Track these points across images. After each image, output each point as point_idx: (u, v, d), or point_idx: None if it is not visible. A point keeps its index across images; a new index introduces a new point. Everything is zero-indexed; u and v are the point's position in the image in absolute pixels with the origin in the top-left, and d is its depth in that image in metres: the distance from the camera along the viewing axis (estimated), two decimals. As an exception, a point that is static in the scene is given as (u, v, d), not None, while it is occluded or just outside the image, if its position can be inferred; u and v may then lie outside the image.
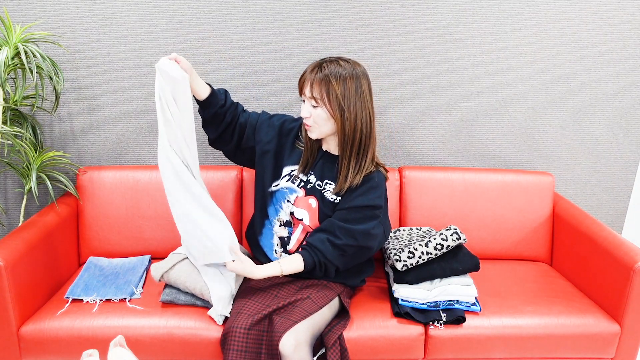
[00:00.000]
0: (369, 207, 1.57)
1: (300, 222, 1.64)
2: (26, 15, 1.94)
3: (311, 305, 1.52)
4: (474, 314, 1.69)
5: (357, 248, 1.57)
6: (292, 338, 1.40)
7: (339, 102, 1.49)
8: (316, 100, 1.51)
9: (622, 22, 2.10)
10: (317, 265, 1.56)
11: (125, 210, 1.97)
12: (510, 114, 2.19)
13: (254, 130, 1.69)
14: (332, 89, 1.49)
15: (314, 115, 1.53)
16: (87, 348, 1.49)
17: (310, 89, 1.51)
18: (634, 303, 1.66)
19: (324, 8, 2.01)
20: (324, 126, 1.54)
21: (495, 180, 2.08)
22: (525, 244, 2.09)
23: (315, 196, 1.63)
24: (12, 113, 1.88)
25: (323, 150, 1.67)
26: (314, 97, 1.50)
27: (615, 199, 2.33)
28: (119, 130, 2.09)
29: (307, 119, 1.55)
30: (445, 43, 2.08)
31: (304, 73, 1.55)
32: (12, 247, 1.59)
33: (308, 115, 1.53)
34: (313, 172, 1.66)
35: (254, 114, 1.72)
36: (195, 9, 1.98)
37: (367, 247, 1.59)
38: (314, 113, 1.53)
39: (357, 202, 1.57)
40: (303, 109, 1.55)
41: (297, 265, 1.56)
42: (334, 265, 1.58)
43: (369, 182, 1.58)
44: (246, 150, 1.72)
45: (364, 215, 1.56)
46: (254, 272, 1.53)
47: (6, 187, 2.13)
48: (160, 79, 1.47)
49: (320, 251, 1.55)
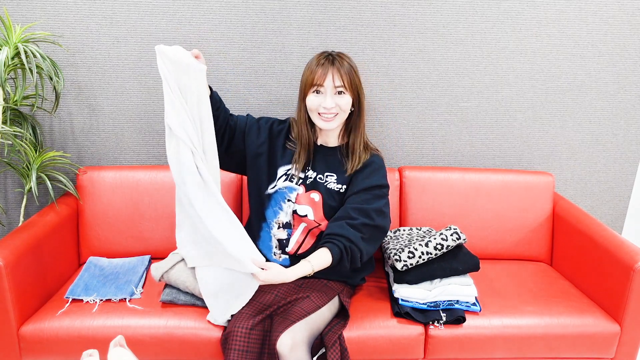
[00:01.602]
0: (377, 186, 1.63)
1: (303, 218, 1.65)
2: (26, 15, 1.94)
3: (310, 304, 1.52)
4: (474, 314, 1.69)
5: (373, 228, 1.59)
6: (289, 338, 1.40)
7: (358, 85, 1.64)
8: (345, 88, 1.59)
9: (622, 22, 2.10)
10: (344, 252, 1.53)
11: (125, 210, 1.97)
12: (510, 114, 2.19)
13: (243, 133, 1.70)
14: (353, 77, 1.62)
15: (340, 104, 1.60)
16: (87, 348, 1.48)
17: (340, 79, 1.59)
18: (634, 303, 1.66)
19: (324, 8, 2.01)
20: (347, 112, 1.64)
21: (495, 180, 2.08)
22: (525, 244, 2.09)
23: (317, 190, 1.65)
24: (12, 113, 1.88)
25: (318, 145, 1.71)
26: (344, 84, 1.59)
27: (615, 199, 2.33)
28: (119, 130, 2.09)
29: (331, 109, 1.59)
30: (445, 43, 2.08)
31: (318, 67, 1.59)
32: (12, 247, 1.59)
33: (333, 105, 1.59)
34: (311, 168, 1.67)
35: (242, 117, 1.73)
36: (195, 9, 1.98)
37: (382, 226, 1.61)
38: (340, 102, 1.60)
39: (364, 184, 1.63)
40: (327, 101, 1.59)
41: (326, 259, 1.52)
42: (358, 248, 1.55)
43: (371, 166, 1.67)
44: (235, 154, 1.72)
45: (373, 195, 1.62)
46: (287, 275, 1.49)
47: (6, 187, 2.13)
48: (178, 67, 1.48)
49: (342, 236, 1.54)
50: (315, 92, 1.60)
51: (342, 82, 1.59)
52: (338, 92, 1.59)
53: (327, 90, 1.58)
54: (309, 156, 1.68)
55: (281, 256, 1.68)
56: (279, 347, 1.39)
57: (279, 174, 1.69)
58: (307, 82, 1.61)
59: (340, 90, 1.59)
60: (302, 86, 1.63)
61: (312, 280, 1.64)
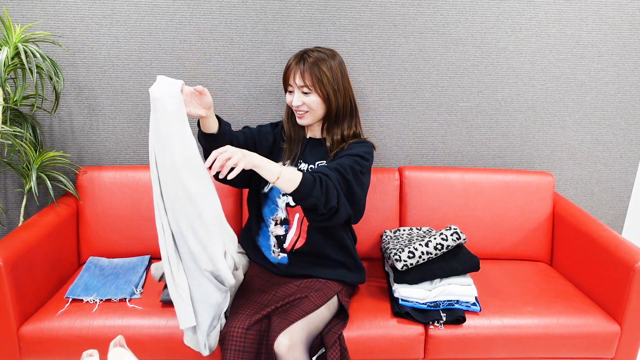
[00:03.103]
0: (357, 155, 1.60)
1: (296, 209, 1.64)
2: (26, 15, 1.94)
3: (308, 304, 1.52)
4: (474, 314, 1.69)
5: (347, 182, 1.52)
6: (287, 338, 1.40)
7: (330, 84, 1.61)
8: (308, 87, 1.60)
9: (622, 22, 2.10)
10: (318, 181, 1.45)
11: (125, 210, 1.97)
12: (510, 114, 2.19)
13: (256, 144, 1.71)
14: (322, 74, 1.60)
15: (308, 102, 1.62)
16: (87, 348, 1.49)
17: (301, 78, 1.60)
18: (634, 303, 1.66)
19: (324, 8, 2.01)
20: (318, 110, 1.64)
21: (495, 180, 2.08)
22: (525, 244, 2.09)
23: None
24: (12, 113, 1.88)
25: (307, 138, 1.75)
26: (306, 84, 1.60)
27: (615, 199, 2.33)
28: (119, 130, 2.09)
29: (299, 106, 1.63)
30: (445, 43, 2.08)
31: (289, 66, 1.64)
32: (12, 247, 1.59)
33: (300, 103, 1.62)
34: (302, 160, 1.69)
35: (247, 130, 1.72)
36: (195, 9, 1.98)
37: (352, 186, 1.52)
38: (307, 100, 1.62)
39: (345, 152, 1.63)
40: (295, 99, 1.63)
41: (296, 174, 1.43)
42: (334, 185, 1.47)
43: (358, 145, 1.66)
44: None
45: (353, 160, 1.58)
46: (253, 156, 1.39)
47: (6, 187, 2.12)
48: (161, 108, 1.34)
49: (318, 171, 1.50)
50: (289, 92, 1.67)
51: (304, 82, 1.60)
52: (303, 92, 1.62)
53: (294, 88, 1.64)
54: (297, 149, 1.71)
55: (280, 254, 1.69)
56: (277, 347, 1.39)
57: None
58: (283, 79, 1.68)
59: (304, 90, 1.61)
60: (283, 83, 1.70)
61: (311, 280, 1.65)
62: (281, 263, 1.69)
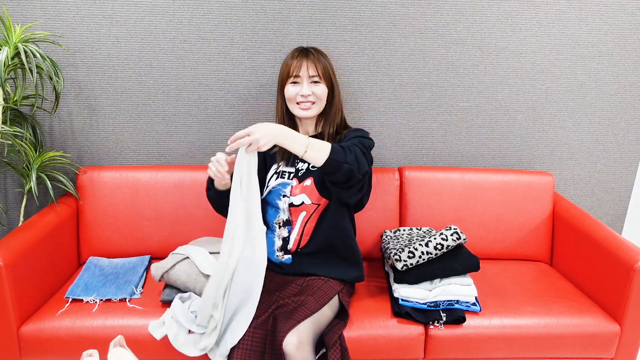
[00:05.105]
0: (359, 136, 1.66)
1: (300, 207, 1.66)
2: (26, 15, 1.94)
3: (313, 303, 1.52)
4: (474, 314, 1.69)
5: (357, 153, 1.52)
6: (295, 337, 1.41)
7: (331, 76, 1.73)
8: (319, 77, 1.69)
9: (622, 22, 2.10)
10: (347, 148, 1.48)
11: (125, 210, 1.97)
12: (510, 114, 2.19)
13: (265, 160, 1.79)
14: (327, 65, 1.72)
15: (317, 92, 1.68)
16: (87, 348, 1.49)
17: (314, 68, 1.68)
18: (634, 303, 1.66)
19: (324, 8, 2.01)
20: (323, 101, 1.71)
21: (495, 180, 2.08)
22: (525, 244, 2.09)
23: (309, 176, 1.68)
24: (12, 113, 1.88)
25: None
26: (318, 74, 1.68)
27: (615, 199, 2.33)
28: (119, 130, 2.09)
29: (309, 96, 1.67)
30: (445, 43, 2.08)
31: (293, 59, 1.69)
32: (12, 247, 1.59)
33: (310, 92, 1.67)
34: (300, 160, 1.71)
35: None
36: (195, 9, 1.98)
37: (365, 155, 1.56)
38: (316, 90, 1.68)
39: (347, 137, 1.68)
40: (304, 89, 1.67)
41: (325, 144, 1.46)
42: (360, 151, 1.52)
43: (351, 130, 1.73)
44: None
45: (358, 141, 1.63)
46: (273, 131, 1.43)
47: (6, 187, 2.12)
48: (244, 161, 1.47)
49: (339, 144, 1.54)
50: (293, 83, 1.69)
51: (317, 71, 1.68)
52: (313, 81, 1.69)
53: (303, 79, 1.68)
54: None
55: (284, 256, 1.69)
56: (286, 346, 1.40)
57: (269, 175, 1.74)
58: (284, 74, 1.71)
59: (315, 79, 1.68)
60: (280, 80, 1.73)
61: (312, 278, 1.65)
62: (284, 263, 1.69)
